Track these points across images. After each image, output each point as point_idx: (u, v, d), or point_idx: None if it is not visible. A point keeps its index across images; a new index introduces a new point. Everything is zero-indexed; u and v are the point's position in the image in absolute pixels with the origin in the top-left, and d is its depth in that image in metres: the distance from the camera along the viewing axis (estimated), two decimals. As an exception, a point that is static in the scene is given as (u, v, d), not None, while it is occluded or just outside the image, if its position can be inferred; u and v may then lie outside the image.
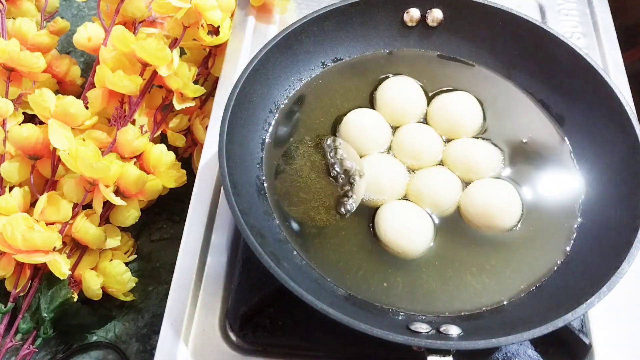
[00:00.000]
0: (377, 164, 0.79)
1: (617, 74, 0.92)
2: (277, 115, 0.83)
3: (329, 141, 0.81)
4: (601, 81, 0.78)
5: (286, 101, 0.84)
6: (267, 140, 0.81)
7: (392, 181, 0.77)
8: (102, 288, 0.85)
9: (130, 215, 0.88)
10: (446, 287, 0.71)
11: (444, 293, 0.70)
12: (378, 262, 0.72)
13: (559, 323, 0.61)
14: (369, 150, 0.80)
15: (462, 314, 0.69)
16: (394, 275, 0.71)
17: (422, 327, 0.66)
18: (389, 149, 0.81)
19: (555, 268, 0.72)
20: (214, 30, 0.96)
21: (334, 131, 0.82)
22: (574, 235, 0.74)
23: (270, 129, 0.82)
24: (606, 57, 0.94)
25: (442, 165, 0.80)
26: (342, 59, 0.88)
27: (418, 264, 0.72)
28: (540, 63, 0.84)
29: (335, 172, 0.78)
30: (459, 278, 0.71)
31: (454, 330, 0.65)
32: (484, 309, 0.70)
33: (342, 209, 0.75)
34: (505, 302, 0.70)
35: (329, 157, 0.79)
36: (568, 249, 0.73)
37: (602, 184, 0.76)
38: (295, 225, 0.74)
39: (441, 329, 0.66)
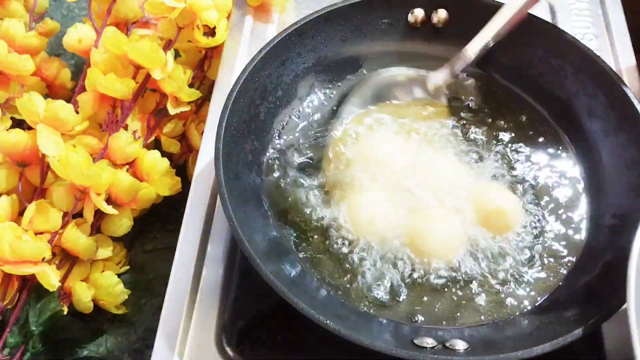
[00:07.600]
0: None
1: (630, 77, 0.92)
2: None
3: None
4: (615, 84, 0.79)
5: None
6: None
7: None
8: (93, 300, 0.86)
9: (123, 224, 0.88)
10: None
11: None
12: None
13: (571, 337, 0.61)
14: None
15: (470, 326, 0.70)
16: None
17: (428, 342, 0.66)
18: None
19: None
20: (210, 31, 0.96)
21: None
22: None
23: (269, 134, 0.82)
24: (619, 59, 0.94)
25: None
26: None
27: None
28: (551, 66, 0.85)
29: None
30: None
31: (460, 345, 0.66)
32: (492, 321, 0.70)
33: None
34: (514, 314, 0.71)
35: None
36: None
37: (626, 198, 0.77)
38: (295, 236, 0.75)
39: (447, 344, 0.66)
